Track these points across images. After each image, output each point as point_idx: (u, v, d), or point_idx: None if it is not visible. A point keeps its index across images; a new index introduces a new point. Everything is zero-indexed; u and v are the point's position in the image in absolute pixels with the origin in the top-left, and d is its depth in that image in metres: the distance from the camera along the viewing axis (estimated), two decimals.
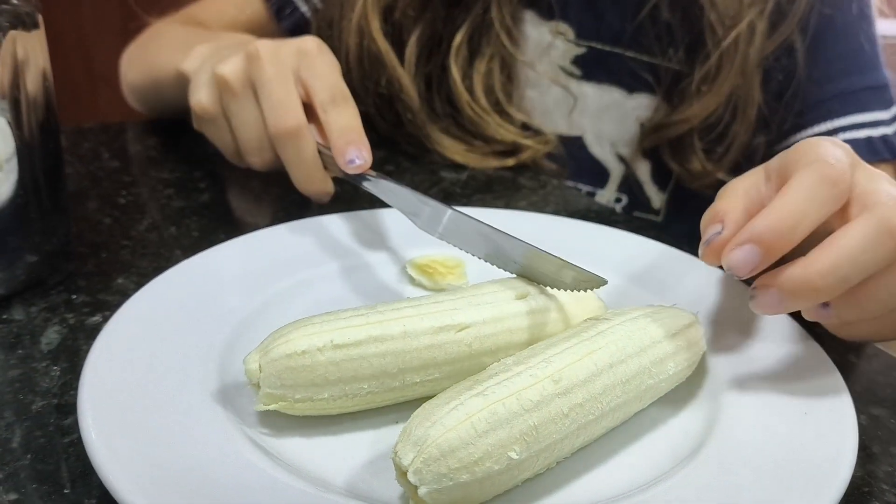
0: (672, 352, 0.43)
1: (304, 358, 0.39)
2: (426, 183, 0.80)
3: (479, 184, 0.81)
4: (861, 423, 0.47)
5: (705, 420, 0.43)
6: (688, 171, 0.89)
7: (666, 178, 0.94)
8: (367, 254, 0.59)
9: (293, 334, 0.40)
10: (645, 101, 0.90)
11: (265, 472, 0.36)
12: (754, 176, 0.48)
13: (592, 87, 0.90)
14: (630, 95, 0.90)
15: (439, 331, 0.41)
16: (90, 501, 0.37)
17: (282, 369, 0.39)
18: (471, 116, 0.86)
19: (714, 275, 0.57)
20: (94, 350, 0.42)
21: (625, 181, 0.94)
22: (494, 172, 0.85)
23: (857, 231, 0.41)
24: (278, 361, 0.39)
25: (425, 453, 0.33)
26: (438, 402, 0.36)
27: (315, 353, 0.39)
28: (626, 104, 0.90)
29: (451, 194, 0.78)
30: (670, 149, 0.89)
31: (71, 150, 0.84)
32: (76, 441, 0.41)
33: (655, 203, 0.95)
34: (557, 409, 0.36)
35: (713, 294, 0.54)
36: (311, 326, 0.40)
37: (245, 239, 0.57)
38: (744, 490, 0.36)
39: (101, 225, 0.66)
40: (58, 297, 0.55)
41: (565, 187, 0.83)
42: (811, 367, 0.46)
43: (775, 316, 0.51)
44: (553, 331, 0.45)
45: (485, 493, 0.35)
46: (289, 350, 0.39)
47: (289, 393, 0.39)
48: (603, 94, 0.90)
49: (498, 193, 0.79)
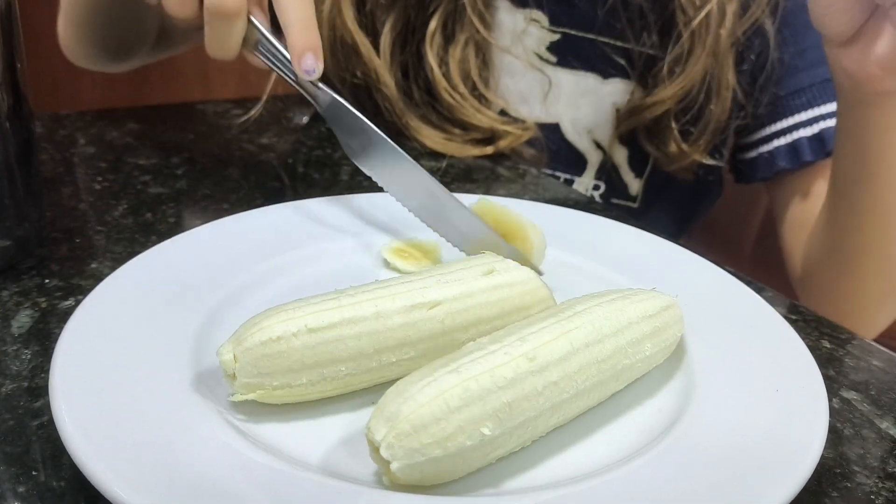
0: (649, 333, 0.43)
1: (280, 344, 0.39)
2: None
3: (458, 172, 0.81)
4: (834, 407, 0.47)
5: (680, 400, 0.43)
6: (665, 153, 0.89)
7: (643, 165, 0.94)
8: (342, 239, 0.58)
9: (266, 322, 0.39)
10: (620, 86, 0.90)
11: (239, 452, 0.36)
12: None
13: (568, 74, 0.90)
14: (605, 81, 0.90)
15: (411, 309, 0.41)
16: (60, 483, 0.37)
17: (258, 357, 0.39)
18: (449, 103, 0.85)
19: (693, 261, 0.57)
20: (67, 331, 0.42)
21: (602, 168, 0.94)
22: (473, 161, 0.85)
23: None
24: (253, 350, 0.39)
25: (397, 428, 0.33)
26: (412, 379, 0.35)
27: (290, 339, 0.39)
28: (602, 90, 0.90)
29: None
30: (647, 132, 0.90)
31: (46, 136, 0.83)
32: (46, 423, 0.40)
33: (633, 189, 0.95)
34: (532, 387, 0.36)
35: (691, 279, 0.54)
36: (284, 313, 0.40)
37: (220, 223, 0.56)
38: (714, 468, 0.36)
39: (76, 211, 0.66)
40: (30, 281, 0.54)
41: (544, 176, 0.83)
42: (785, 351, 0.46)
43: (754, 303, 0.51)
44: (521, 304, 0.45)
45: (457, 469, 0.35)
46: (263, 337, 0.39)
47: (266, 381, 0.39)
48: (578, 81, 0.91)
49: (477, 182, 0.79)
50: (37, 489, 0.36)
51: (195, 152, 0.81)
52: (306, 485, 0.34)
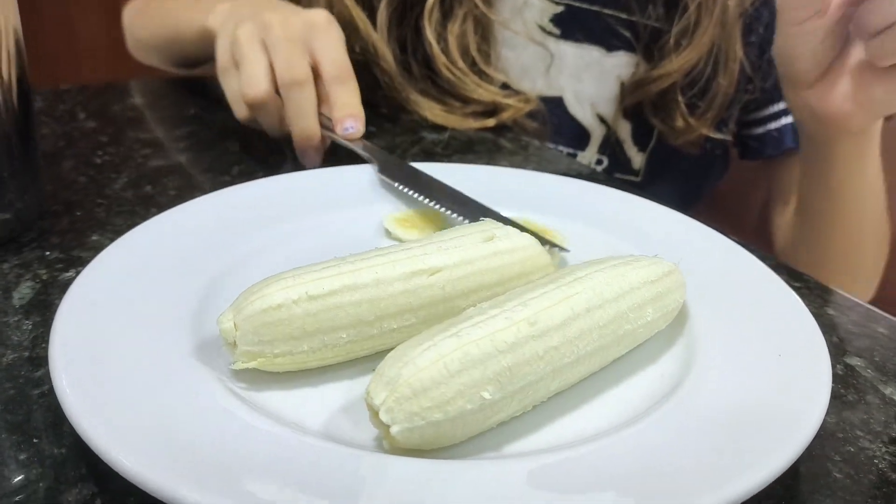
0: (651, 298, 0.42)
1: (280, 312, 0.39)
2: (406, 143, 0.79)
3: (459, 144, 0.81)
4: (837, 373, 0.47)
5: (682, 365, 0.42)
6: (671, 127, 0.88)
7: (646, 139, 0.93)
8: (345, 209, 0.58)
9: (267, 290, 0.39)
10: (624, 59, 0.89)
11: (240, 419, 0.36)
12: None
13: (571, 47, 0.89)
14: (609, 54, 0.89)
15: (411, 276, 0.41)
16: (60, 451, 0.37)
17: (258, 325, 0.38)
18: (448, 78, 0.85)
19: (696, 229, 0.56)
20: (67, 300, 0.42)
21: (605, 142, 0.93)
22: (475, 133, 0.84)
23: None
24: (254, 318, 0.38)
25: (397, 392, 0.33)
26: (412, 344, 0.35)
27: (291, 306, 0.39)
28: (606, 63, 0.89)
29: (431, 154, 0.77)
30: (653, 106, 0.89)
31: (47, 111, 0.83)
32: (47, 392, 0.40)
33: (636, 164, 0.95)
34: (532, 352, 0.36)
35: (695, 246, 0.54)
36: (284, 280, 0.40)
37: (221, 193, 0.56)
38: (716, 431, 0.36)
39: (76, 184, 0.65)
40: (31, 253, 0.54)
41: (546, 148, 0.82)
42: (788, 316, 0.46)
43: (757, 269, 0.51)
44: (522, 270, 0.45)
45: (457, 433, 0.35)
46: (264, 305, 0.39)
47: (267, 349, 0.39)
48: (582, 54, 0.90)
49: (479, 154, 0.78)
50: (38, 456, 0.36)
51: (197, 126, 0.81)
52: (307, 450, 0.34)
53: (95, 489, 0.35)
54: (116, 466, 0.32)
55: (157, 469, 0.31)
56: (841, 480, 0.38)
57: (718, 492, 0.32)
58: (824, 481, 0.38)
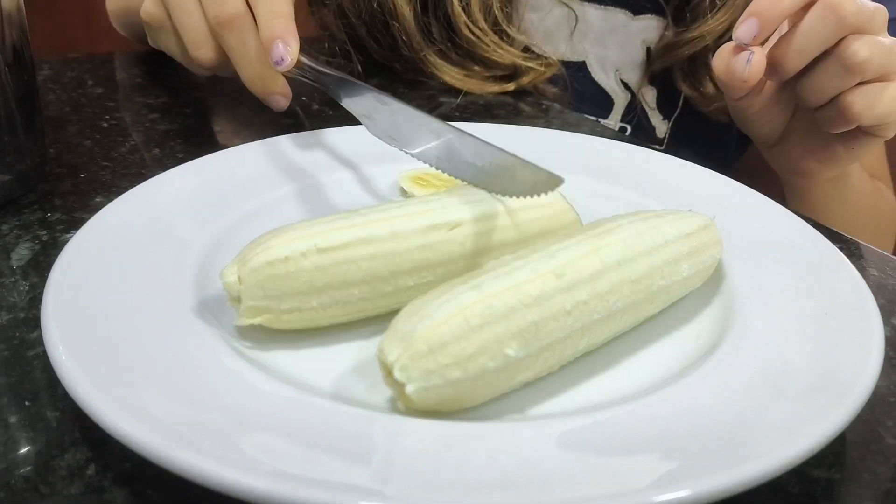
0: (686, 253, 0.39)
1: (288, 265, 0.36)
2: (424, 108, 0.76)
3: (478, 108, 0.77)
4: (886, 335, 0.44)
5: (719, 326, 0.40)
6: (701, 93, 0.85)
7: (672, 106, 0.90)
8: (358, 167, 0.55)
9: (273, 241, 0.37)
10: (652, 22, 0.86)
11: (245, 380, 0.33)
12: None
13: (596, 9, 0.86)
14: (635, 17, 0.86)
15: (429, 230, 0.38)
16: (54, 413, 0.34)
17: (264, 279, 0.36)
18: (469, 38, 0.81)
19: (730, 185, 0.53)
20: (62, 258, 0.39)
21: (629, 109, 0.90)
22: (494, 98, 0.81)
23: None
24: (260, 270, 0.36)
25: (412, 348, 0.30)
26: (428, 298, 0.33)
27: (299, 259, 0.36)
28: (631, 27, 0.86)
29: (449, 118, 0.73)
30: (682, 71, 0.85)
31: (54, 78, 0.80)
32: (41, 354, 0.38)
33: (660, 132, 0.91)
34: (559, 306, 0.33)
35: (730, 203, 0.51)
36: (293, 231, 0.37)
37: (229, 151, 0.54)
38: (759, 395, 0.33)
39: (81, 147, 0.63)
40: (31, 215, 0.51)
41: (568, 112, 0.79)
42: (833, 274, 0.43)
43: (797, 226, 0.48)
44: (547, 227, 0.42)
45: (478, 393, 0.32)
46: (270, 257, 0.36)
47: (273, 304, 0.36)
48: (607, 17, 0.86)
49: (498, 118, 0.75)
50: (29, 419, 0.34)
51: (206, 91, 0.78)
52: (317, 412, 0.32)
53: (90, 454, 0.32)
54: (112, 430, 0.29)
55: (156, 434, 0.29)
56: (894, 447, 0.35)
57: (763, 459, 0.29)
58: (876, 447, 0.35)
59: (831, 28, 0.55)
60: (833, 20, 0.55)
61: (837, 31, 0.56)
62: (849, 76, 0.56)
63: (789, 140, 0.68)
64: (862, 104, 0.57)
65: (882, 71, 0.57)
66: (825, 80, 0.58)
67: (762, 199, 0.51)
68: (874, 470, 0.34)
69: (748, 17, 0.56)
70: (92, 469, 0.32)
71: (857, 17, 0.55)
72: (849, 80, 0.57)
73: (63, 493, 0.31)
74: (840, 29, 0.55)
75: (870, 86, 0.57)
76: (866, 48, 0.55)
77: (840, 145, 0.64)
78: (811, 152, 0.67)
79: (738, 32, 0.57)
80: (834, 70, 0.57)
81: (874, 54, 0.55)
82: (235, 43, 0.60)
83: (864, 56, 0.55)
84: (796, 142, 0.67)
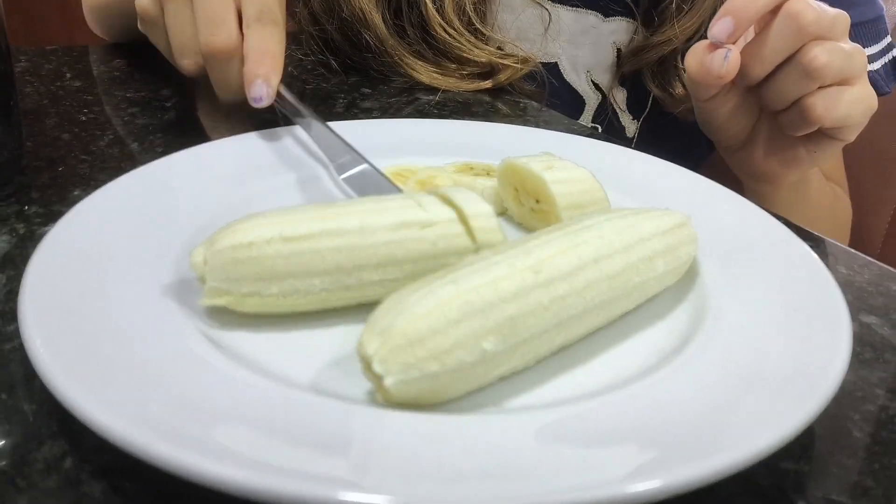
0: (662, 250, 0.40)
1: (251, 249, 0.36)
2: (401, 103, 0.77)
3: (456, 105, 0.78)
4: (853, 331, 0.45)
5: (693, 322, 0.40)
6: (670, 94, 0.86)
7: (641, 107, 0.91)
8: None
9: (241, 226, 0.37)
10: (622, 24, 0.87)
11: (222, 371, 0.34)
12: None
13: (568, 11, 0.87)
14: (606, 19, 0.87)
15: (400, 227, 0.38)
16: (31, 406, 0.34)
17: (227, 261, 0.36)
18: (444, 38, 0.82)
19: (704, 184, 0.54)
20: (40, 251, 0.39)
21: (600, 110, 0.91)
22: (472, 96, 0.81)
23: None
24: (223, 253, 0.36)
25: (391, 342, 0.31)
26: (407, 291, 0.33)
27: (262, 245, 0.36)
28: (602, 28, 0.87)
29: (426, 115, 0.74)
30: (651, 73, 0.86)
31: (31, 70, 0.80)
32: (18, 347, 0.38)
33: (629, 132, 0.92)
34: (537, 301, 0.34)
35: (704, 201, 0.52)
36: (263, 218, 0.38)
37: (207, 146, 0.54)
38: (729, 388, 0.34)
39: (60, 140, 0.63)
40: (8, 208, 0.51)
41: (544, 111, 0.80)
42: (803, 271, 0.43)
43: (769, 224, 0.49)
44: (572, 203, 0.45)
45: (456, 386, 0.33)
46: (234, 241, 0.37)
47: (234, 287, 0.37)
48: (579, 18, 0.87)
49: (475, 115, 0.76)
50: (5, 412, 0.34)
51: (186, 85, 0.78)
52: (296, 404, 0.32)
53: (67, 447, 0.32)
54: (89, 423, 0.29)
55: (133, 426, 0.29)
56: (861, 439, 0.36)
57: (733, 450, 0.30)
58: (844, 441, 0.36)
59: (793, 35, 0.58)
60: (794, 28, 0.57)
61: (799, 38, 0.58)
62: (809, 81, 0.58)
63: (753, 144, 0.70)
64: (823, 107, 0.59)
65: (842, 75, 0.59)
66: (787, 85, 0.60)
67: (737, 198, 0.52)
68: (842, 463, 0.35)
69: (723, 16, 0.58)
70: (69, 462, 0.32)
71: (817, 24, 0.57)
72: (810, 85, 0.59)
73: (40, 486, 0.31)
74: (801, 36, 0.58)
75: (829, 89, 0.59)
76: (826, 54, 0.57)
77: (803, 148, 0.66)
78: (774, 156, 0.68)
79: (714, 30, 0.58)
80: (795, 75, 0.59)
81: (833, 60, 0.57)
82: (218, 72, 0.62)
83: (824, 62, 0.57)
84: (760, 145, 0.69)
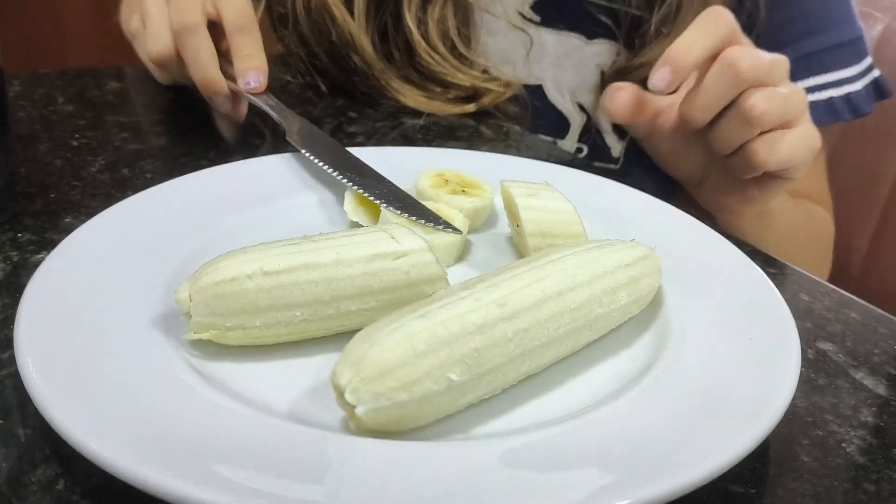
0: (625, 282, 0.42)
1: (233, 285, 0.39)
2: (386, 128, 0.79)
3: (440, 129, 0.80)
4: (809, 358, 0.47)
5: (655, 350, 0.42)
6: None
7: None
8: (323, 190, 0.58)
9: (223, 262, 0.39)
10: (605, 47, 0.89)
11: (206, 399, 0.36)
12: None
13: (551, 34, 0.89)
14: (589, 42, 0.89)
15: (374, 258, 0.40)
16: (26, 430, 0.36)
17: (210, 297, 0.38)
18: (429, 63, 0.84)
19: (674, 214, 0.57)
20: (34, 280, 0.41)
21: (585, 131, 0.93)
22: (457, 120, 0.84)
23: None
24: (207, 289, 0.39)
25: (363, 372, 0.33)
26: (379, 325, 0.35)
27: (244, 280, 0.39)
28: (586, 51, 0.89)
29: (411, 139, 0.77)
30: None
31: (24, 95, 0.82)
32: (13, 374, 0.40)
33: (615, 152, 0.94)
34: (501, 334, 0.36)
35: (672, 232, 0.54)
36: (244, 254, 0.40)
37: (195, 176, 0.56)
38: (684, 414, 0.36)
39: (52, 166, 0.65)
40: (3, 235, 0.53)
41: (527, 135, 0.82)
42: (761, 301, 0.46)
43: (733, 255, 0.51)
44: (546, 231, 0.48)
45: (424, 415, 0.35)
46: (217, 278, 0.39)
47: (219, 321, 0.39)
48: (562, 41, 0.89)
49: (460, 140, 0.78)
50: (1, 436, 0.36)
51: (176, 111, 0.80)
52: (274, 431, 0.34)
53: (59, 470, 0.34)
54: (80, 448, 0.32)
55: (121, 451, 0.31)
56: (808, 464, 0.38)
57: (684, 473, 0.32)
58: (792, 464, 0.38)
59: (730, 83, 0.59)
60: (732, 75, 0.59)
61: (736, 86, 0.60)
62: (750, 128, 0.60)
63: (709, 181, 0.72)
64: (765, 152, 0.61)
65: (782, 119, 0.61)
66: (729, 132, 0.62)
67: (702, 228, 0.54)
68: (788, 486, 0.37)
69: (662, 66, 0.60)
70: (62, 484, 0.34)
71: (753, 71, 0.59)
72: (750, 131, 0.61)
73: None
74: (738, 84, 0.59)
75: (771, 134, 0.61)
76: (764, 101, 0.59)
77: (754, 188, 0.68)
78: (729, 194, 0.71)
79: (654, 80, 0.60)
80: (736, 122, 0.61)
81: (772, 106, 0.59)
82: (190, 48, 0.68)
83: (762, 109, 0.59)
84: (716, 183, 0.72)
